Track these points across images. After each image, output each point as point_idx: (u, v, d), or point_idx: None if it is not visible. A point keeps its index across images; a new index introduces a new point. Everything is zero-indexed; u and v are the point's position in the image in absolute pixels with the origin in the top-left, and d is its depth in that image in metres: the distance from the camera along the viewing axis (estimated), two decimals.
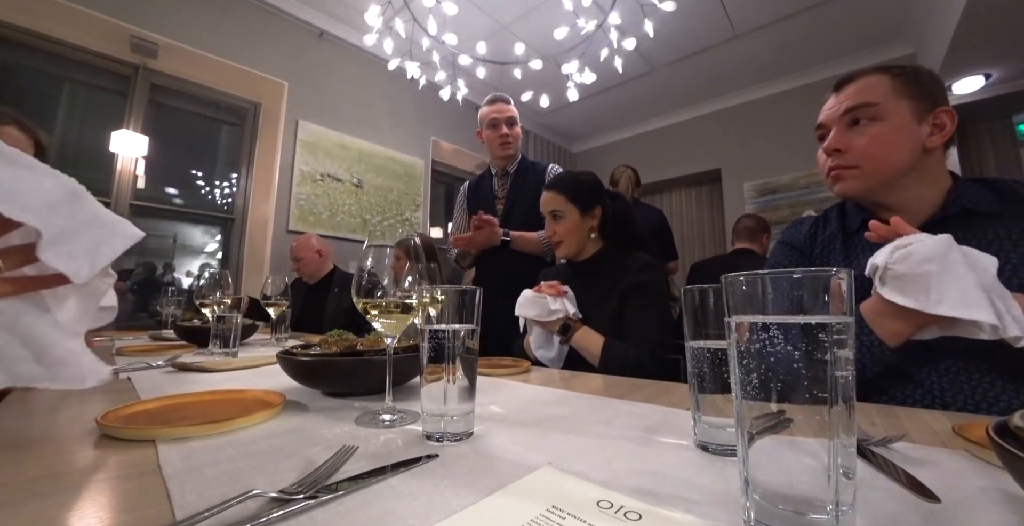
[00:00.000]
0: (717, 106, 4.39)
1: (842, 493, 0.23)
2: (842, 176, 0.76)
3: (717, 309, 0.43)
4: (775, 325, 0.25)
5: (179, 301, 1.72)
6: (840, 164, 0.75)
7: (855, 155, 0.74)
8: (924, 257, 0.55)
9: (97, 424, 0.45)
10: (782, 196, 3.87)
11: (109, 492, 0.32)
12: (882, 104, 0.72)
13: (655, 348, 0.98)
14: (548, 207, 1.18)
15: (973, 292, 0.51)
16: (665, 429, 0.49)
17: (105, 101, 2.60)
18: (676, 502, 0.30)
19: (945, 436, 0.45)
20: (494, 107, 1.71)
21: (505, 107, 1.71)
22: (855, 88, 0.75)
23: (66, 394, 0.66)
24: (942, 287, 0.53)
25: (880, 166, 0.73)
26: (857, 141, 0.74)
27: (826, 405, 0.24)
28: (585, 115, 4.72)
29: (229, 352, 1.03)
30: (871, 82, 0.74)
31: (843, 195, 0.79)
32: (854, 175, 0.75)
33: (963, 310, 0.51)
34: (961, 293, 0.52)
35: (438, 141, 3.96)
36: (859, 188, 0.76)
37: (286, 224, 2.96)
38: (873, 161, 0.73)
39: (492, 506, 0.29)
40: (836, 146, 0.75)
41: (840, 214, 0.86)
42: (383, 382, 0.52)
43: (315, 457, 0.38)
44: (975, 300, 0.51)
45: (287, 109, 3.02)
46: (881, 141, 0.72)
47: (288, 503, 0.29)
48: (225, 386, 0.67)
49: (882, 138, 0.72)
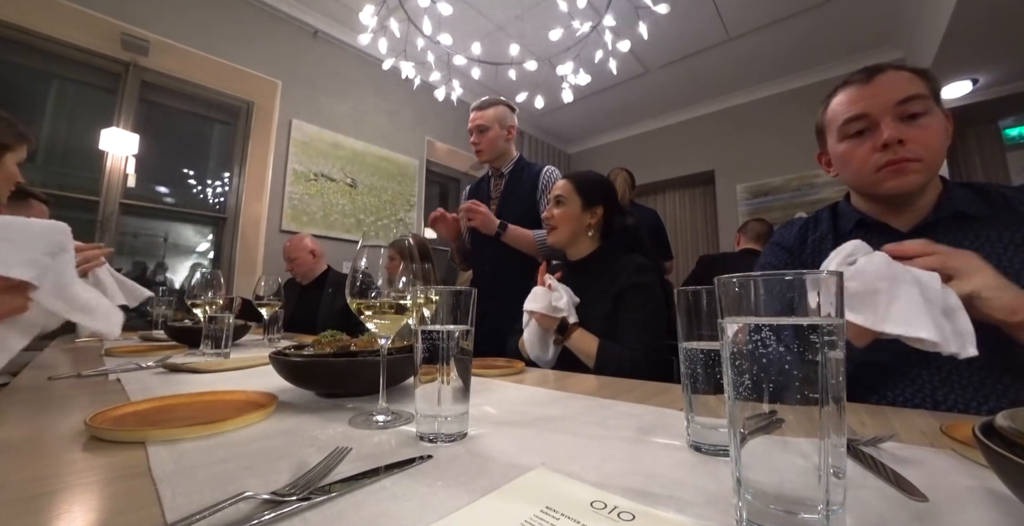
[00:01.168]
0: (711, 108, 4.42)
1: (832, 493, 0.24)
2: (906, 169, 0.70)
3: (710, 310, 0.43)
4: (767, 326, 0.25)
5: (170, 301, 1.70)
6: (905, 156, 0.70)
7: (919, 147, 0.70)
8: (875, 275, 0.56)
9: (86, 426, 0.44)
10: (774, 198, 3.91)
11: (98, 495, 0.32)
12: (929, 98, 0.70)
13: (649, 350, 0.99)
14: (555, 192, 1.21)
15: (917, 310, 0.53)
16: (658, 429, 0.49)
17: (95, 98, 2.56)
18: (669, 502, 0.30)
19: (933, 436, 0.46)
20: (470, 116, 1.73)
21: (476, 115, 1.71)
22: (900, 79, 0.72)
23: (55, 395, 0.65)
24: (890, 305, 0.54)
25: (938, 160, 0.71)
26: (916, 133, 0.70)
27: (817, 405, 0.24)
28: (580, 116, 4.73)
29: (221, 353, 1.03)
30: (907, 76, 0.72)
31: (903, 190, 0.72)
32: (918, 168, 0.70)
33: (907, 328, 0.53)
34: (906, 311, 0.53)
35: (432, 141, 3.96)
36: (921, 182, 0.71)
37: (279, 224, 2.94)
38: (935, 154, 0.70)
39: (486, 507, 0.29)
40: (901, 137, 0.69)
41: (832, 215, 0.86)
42: (377, 383, 0.52)
43: (308, 458, 0.38)
44: (918, 318, 0.53)
45: (280, 108, 3.00)
46: (939, 135, 0.70)
47: (281, 505, 0.29)
48: (217, 387, 0.67)
49: (939, 132, 0.70)
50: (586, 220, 1.17)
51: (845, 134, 0.76)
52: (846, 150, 0.76)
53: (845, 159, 0.77)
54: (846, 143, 0.76)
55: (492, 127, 1.69)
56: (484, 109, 1.71)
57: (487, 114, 1.69)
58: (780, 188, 3.88)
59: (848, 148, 0.76)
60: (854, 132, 0.75)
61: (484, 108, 1.71)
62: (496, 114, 1.70)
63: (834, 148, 0.79)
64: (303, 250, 2.41)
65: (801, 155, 3.70)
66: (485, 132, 1.69)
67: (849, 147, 0.76)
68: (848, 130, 0.75)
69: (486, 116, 1.69)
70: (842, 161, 0.79)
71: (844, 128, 0.76)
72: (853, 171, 0.77)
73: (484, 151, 1.71)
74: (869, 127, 0.73)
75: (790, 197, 3.81)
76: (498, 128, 1.70)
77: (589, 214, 1.17)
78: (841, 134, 0.77)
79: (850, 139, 0.76)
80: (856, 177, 0.77)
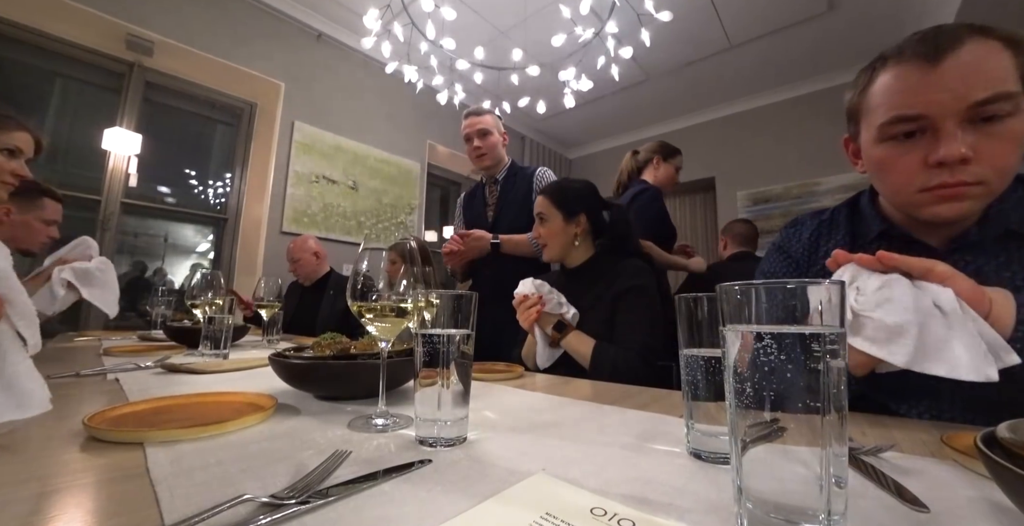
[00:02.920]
0: (712, 115, 4.45)
1: (834, 502, 0.24)
2: (963, 195, 0.54)
3: (711, 317, 0.43)
4: (769, 335, 0.25)
5: (169, 301, 1.70)
6: (964, 180, 0.53)
7: (984, 168, 0.52)
8: (904, 306, 0.46)
9: (84, 426, 0.44)
10: (775, 205, 3.92)
11: (95, 496, 0.32)
12: (1019, 93, 0.51)
13: (645, 350, 0.99)
14: (536, 210, 1.22)
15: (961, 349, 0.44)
16: (658, 436, 0.49)
17: (98, 98, 2.57)
18: (669, 510, 0.30)
19: (934, 446, 0.46)
20: (467, 122, 1.73)
21: (475, 120, 1.72)
22: (983, 60, 0.51)
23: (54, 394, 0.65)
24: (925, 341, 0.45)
25: (1006, 182, 0.54)
26: (986, 146, 0.52)
27: (819, 414, 0.24)
28: (582, 122, 4.75)
29: (220, 353, 1.02)
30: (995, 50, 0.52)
31: (952, 219, 0.56)
32: (977, 194, 0.54)
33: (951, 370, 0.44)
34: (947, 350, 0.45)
35: (434, 145, 3.97)
36: (976, 210, 0.56)
37: (280, 225, 2.94)
38: (1003, 176, 0.53)
39: (486, 512, 0.29)
40: (966, 155, 0.51)
41: (850, 216, 0.71)
42: (376, 386, 0.52)
43: (307, 461, 0.38)
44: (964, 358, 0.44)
45: (283, 110, 3.01)
46: (1015, 147, 0.52)
47: (279, 508, 0.28)
48: (215, 388, 0.66)
49: (1017, 142, 0.52)
50: (572, 231, 1.17)
51: (888, 134, 0.58)
52: (886, 156, 0.59)
53: (883, 167, 0.60)
54: (887, 146, 0.58)
55: (492, 132, 1.70)
56: (481, 115, 1.72)
57: (486, 119, 1.71)
58: (781, 195, 3.89)
59: (889, 154, 0.58)
60: (900, 134, 0.56)
61: (481, 114, 1.72)
62: (493, 120, 1.72)
63: (870, 148, 0.62)
64: (307, 251, 2.41)
65: (803, 162, 3.72)
66: (487, 136, 1.70)
67: (890, 153, 0.58)
68: (893, 130, 0.57)
69: (485, 121, 1.70)
70: (879, 168, 0.61)
71: (889, 128, 0.57)
72: (890, 185, 0.61)
73: (487, 156, 1.71)
74: (922, 130, 0.55)
75: (791, 204, 3.82)
76: (496, 133, 1.71)
77: (573, 224, 1.17)
78: (883, 133, 0.58)
79: (893, 142, 0.58)
80: (893, 192, 0.62)
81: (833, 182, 3.58)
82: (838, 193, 3.54)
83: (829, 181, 3.61)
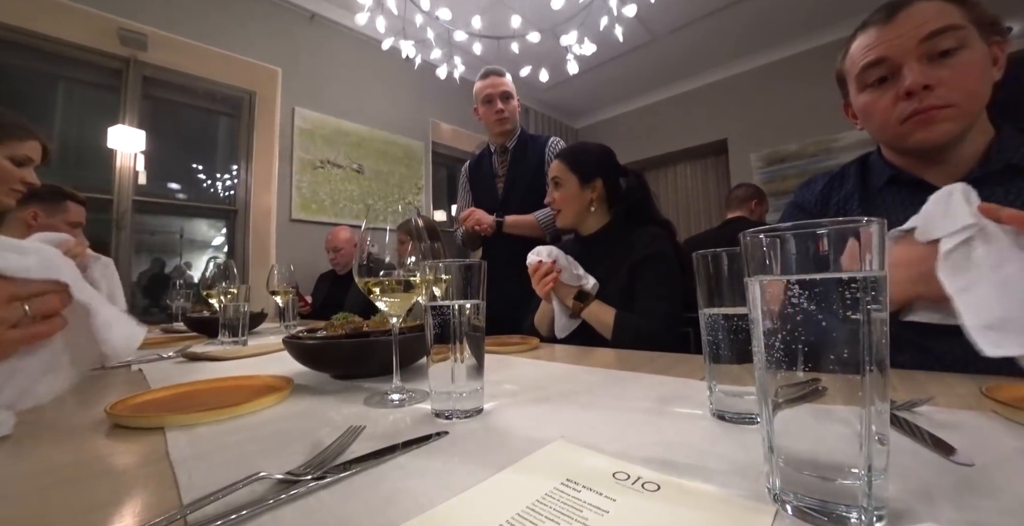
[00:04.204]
0: (722, 74, 4.25)
1: (875, 459, 0.22)
2: (935, 118, 0.62)
3: (731, 273, 0.41)
4: (801, 283, 0.23)
5: (188, 294, 1.73)
6: (932, 104, 0.61)
7: (949, 91, 0.60)
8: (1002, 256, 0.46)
9: (107, 414, 0.44)
10: (790, 165, 3.77)
11: (117, 479, 0.32)
12: (966, 28, 0.60)
13: (667, 319, 0.97)
14: (551, 174, 1.18)
15: None
16: (679, 400, 0.47)
17: (99, 98, 2.56)
18: (694, 472, 0.29)
19: (972, 399, 0.44)
20: (487, 81, 1.63)
21: (499, 80, 1.62)
22: (927, 11, 0.61)
23: (80, 386, 0.66)
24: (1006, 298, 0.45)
25: (975, 103, 0.62)
26: (946, 74, 0.60)
27: (859, 369, 0.22)
28: (586, 89, 4.60)
29: (238, 341, 1.04)
30: (937, 6, 0.61)
31: (933, 143, 0.64)
32: (950, 116, 0.61)
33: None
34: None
35: (437, 122, 3.89)
36: (954, 131, 0.62)
37: (289, 213, 2.95)
38: (970, 97, 0.61)
39: (505, 481, 0.28)
40: (927, 81, 0.60)
41: (860, 170, 0.77)
42: (390, 363, 0.51)
43: (323, 439, 0.37)
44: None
45: (282, 96, 2.97)
46: (975, 72, 0.60)
47: (295, 484, 0.28)
48: (235, 373, 0.67)
49: (975, 68, 0.60)
50: (587, 196, 1.14)
51: (865, 83, 0.68)
52: (867, 101, 0.69)
53: (867, 111, 0.70)
54: (867, 93, 0.69)
55: (515, 95, 1.62)
56: (503, 76, 1.63)
57: (509, 81, 1.62)
58: (796, 154, 3.75)
59: (869, 99, 0.68)
60: (874, 80, 0.67)
61: (503, 75, 1.63)
62: (512, 84, 1.64)
63: (855, 100, 0.72)
64: (348, 242, 2.52)
65: (818, 119, 3.55)
66: (510, 100, 1.61)
67: (870, 98, 0.68)
68: (867, 78, 0.67)
69: (508, 83, 1.62)
70: (864, 114, 0.71)
71: (863, 76, 0.68)
72: (877, 125, 0.70)
73: (510, 119, 1.62)
74: (891, 73, 0.65)
75: (807, 163, 3.67)
76: (516, 97, 1.64)
77: (589, 190, 1.14)
78: (861, 83, 0.69)
79: (871, 89, 0.68)
80: (880, 131, 0.70)
81: (851, 137, 3.40)
82: (856, 149, 3.36)
83: (846, 136, 3.43)
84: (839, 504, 0.22)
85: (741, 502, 0.25)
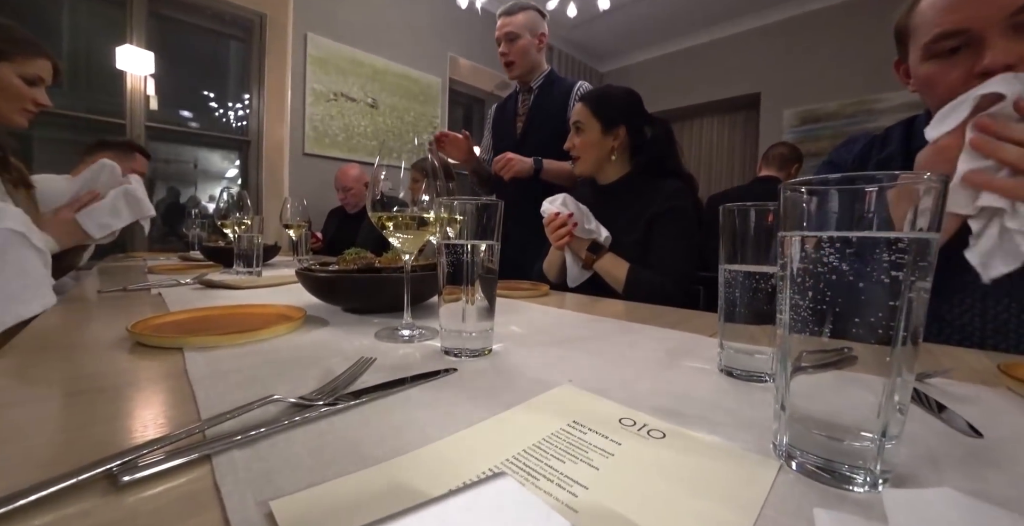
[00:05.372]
0: (761, 21, 3.87)
1: (891, 426, 0.22)
2: None
3: (758, 231, 0.39)
4: (844, 241, 0.22)
5: (204, 223, 1.75)
6: None
7: None
8: None
9: (128, 332, 0.46)
10: (824, 126, 3.54)
11: (140, 393, 0.33)
12: None
13: (681, 277, 0.96)
14: (573, 118, 1.13)
15: None
16: (689, 354, 0.48)
17: (107, 16, 2.44)
18: (700, 423, 0.29)
19: (987, 374, 0.43)
20: (497, 23, 1.54)
21: (504, 21, 1.52)
22: None
23: (104, 307, 0.69)
24: None
25: None
26: None
27: (891, 338, 0.21)
28: (616, 29, 4.27)
29: (253, 271, 1.05)
30: None
31: None
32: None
33: None
34: None
35: (456, 58, 3.68)
36: None
37: (302, 147, 2.89)
38: None
39: (513, 418, 0.29)
40: (1009, 60, 0.52)
41: (906, 133, 0.71)
42: (401, 299, 0.52)
43: (334, 368, 0.38)
44: None
45: (295, 21, 2.80)
46: None
47: (307, 409, 0.29)
48: (249, 301, 0.69)
49: None
50: (608, 144, 1.08)
51: (933, 52, 0.59)
52: (933, 72, 0.60)
53: (930, 83, 0.61)
54: (934, 63, 0.59)
55: (523, 35, 1.52)
56: (513, 14, 1.52)
57: (516, 20, 1.52)
58: (834, 114, 3.50)
59: (937, 70, 0.59)
60: (946, 51, 0.58)
61: (513, 13, 1.53)
62: (526, 20, 1.52)
63: (917, 67, 0.63)
64: (358, 181, 2.49)
65: (861, 77, 3.26)
66: (515, 41, 1.52)
67: (938, 69, 0.59)
68: (938, 48, 0.58)
69: (516, 22, 1.52)
70: (926, 83, 0.62)
71: (933, 45, 0.59)
72: (939, 99, 0.60)
73: (515, 63, 1.54)
74: (967, 44, 0.56)
75: (844, 124, 3.44)
76: (528, 36, 1.52)
77: (611, 137, 1.08)
78: (928, 51, 0.60)
79: (939, 59, 0.59)
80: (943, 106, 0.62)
81: (895, 99, 3.14)
82: (900, 112, 3.14)
83: (890, 98, 3.17)
84: (844, 464, 0.22)
85: (745, 454, 0.25)
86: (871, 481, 0.22)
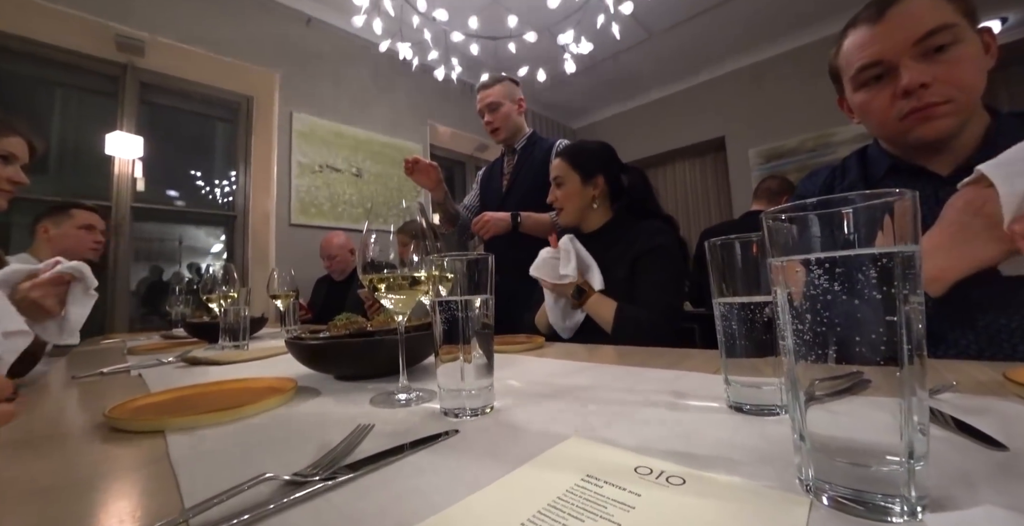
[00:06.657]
0: (718, 72, 4.25)
1: (916, 447, 0.21)
2: (934, 114, 0.62)
3: (745, 262, 0.40)
4: (831, 262, 0.22)
5: (187, 299, 1.72)
6: (931, 101, 0.62)
7: (946, 86, 0.61)
8: None
9: (106, 418, 0.43)
10: (788, 161, 3.77)
11: (115, 483, 0.31)
12: (959, 24, 0.60)
13: (668, 310, 0.96)
14: (553, 173, 1.18)
15: None
16: (693, 393, 0.46)
17: (97, 104, 2.56)
18: (719, 464, 0.28)
19: (993, 385, 0.43)
20: (478, 97, 1.68)
21: (484, 94, 1.66)
22: (918, 8, 0.62)
23: (78, 392, 0.65)
24: None
25: (972, 95, 0.62)
26: (942, 70, 0.61)
27: (896, 355, 0.21)
28: (583, 89, 4.59)
29: (239, 345, 1.02)
30: (932, 3, 0.62)
31: (935, 138, 0.65)
32: (948, 111, 0.62)
33: None
34: None
35: (435, 125, 3.89)
36: (954, 125, 0.63)
37: (288, 218, 2.94)
38: (967, 91, 0.62)
39: (523, 477, 0.27)
40: (923, 80, 0.60)
41: (861, 161, 0.78)
42: (396, 362, 0.50)
43: (330, 439, 0.36)
44: None
45: (280, 101, 2.96)
46: (970, 66, 0.61)
47: (303, 485, 0.27)
48: (236, 377, 0.66)
49: (970, 62, 0.61)
50: (589, 193, 1.13)
51: (860, 82, 0.69)
52: (864, 100, 0.69)
53: (865, 110, 0.70)
54: (863, 92, 0.69)
55: (503, 102, 1.64)
56: (490, 87, 1.65)
57: (495, 91, 1.64)
58: (795, 150, 3.74)
59: (866, 98, 0.68)
60: (870, 79, 0.67)
61: (490, 85, 1.66)
62: (503, 89, 1.64)
63: (852, 97, 0.72)
64: (343, 248, 2.51)
65: (816, 113, 3.54)
66: (497, 109, 1.64)
67: (867, 97, 0.68)
68: (863, 78, 0.68)
69: (494, 93, 1.64)
70: (862, 112, 0.71)
71: (858, 76, 0.68)
72: (875, 122, 0.70)
73: (500, 128, 1.66)
74: (887, 72, 0.65)
75: (806, 158, 3.66)
76: (509, 103, 1.65)
77: (591, 186, 1.13)
78: (856, 82, 0.69)
79: (867, 87, 0.68)
80: (880, 128, 0.71)
81: (849, 131, 3.40)
82: (855, 142, 3.36)
83: (845, 131, 3.43)
84: (876, 493, 0.21)
85: (772, 493, 0.23)
86: (908, 509, 0.21)
